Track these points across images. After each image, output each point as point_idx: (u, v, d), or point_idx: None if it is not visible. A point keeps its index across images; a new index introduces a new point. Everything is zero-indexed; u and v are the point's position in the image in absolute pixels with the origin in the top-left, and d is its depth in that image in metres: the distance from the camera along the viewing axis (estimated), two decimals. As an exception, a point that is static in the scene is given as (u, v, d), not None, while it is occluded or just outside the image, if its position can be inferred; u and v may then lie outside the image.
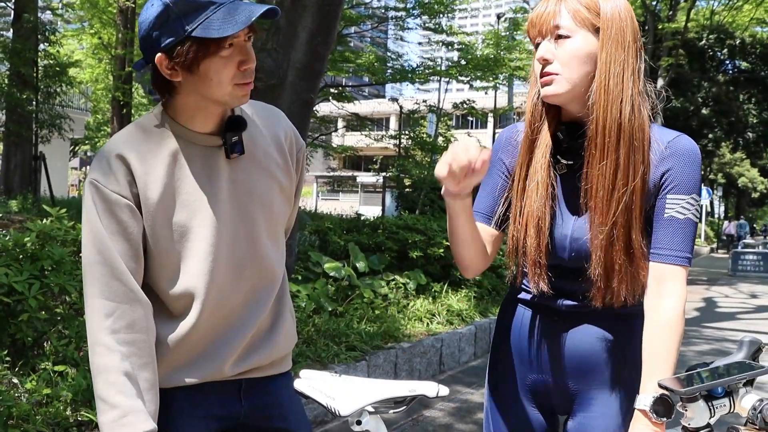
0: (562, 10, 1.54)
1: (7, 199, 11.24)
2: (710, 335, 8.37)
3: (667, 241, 1.55)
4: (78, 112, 20.84)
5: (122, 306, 1.45)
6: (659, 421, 1.41)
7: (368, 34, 20.85)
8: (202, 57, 1.44)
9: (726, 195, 51.91)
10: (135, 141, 1.52)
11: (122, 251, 1.47)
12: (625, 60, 1.53)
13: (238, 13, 1.43)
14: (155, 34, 1.45)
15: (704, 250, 29.89)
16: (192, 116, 1.54)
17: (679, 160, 1.55)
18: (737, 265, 19.23)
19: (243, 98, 1.53)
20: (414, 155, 16.49)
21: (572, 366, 1.68)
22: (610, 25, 1.53)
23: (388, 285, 6.90)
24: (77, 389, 3.29)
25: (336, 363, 4.76)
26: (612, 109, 1.52)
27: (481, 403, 5.07)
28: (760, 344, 1.46)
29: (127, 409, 1.41)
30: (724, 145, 35.69)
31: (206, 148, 1.55)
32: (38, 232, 3.74)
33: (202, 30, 1.41)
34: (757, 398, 1.35)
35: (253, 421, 1.69)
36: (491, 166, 1.71)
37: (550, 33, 1.56)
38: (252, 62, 1.50)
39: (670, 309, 1.52)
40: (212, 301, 1.55)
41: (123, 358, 1.43)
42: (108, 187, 1.47)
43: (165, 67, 1.47)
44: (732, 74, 30.41)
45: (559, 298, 1.68)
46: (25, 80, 12.65)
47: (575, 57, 1.54)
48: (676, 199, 1.54)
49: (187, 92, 1.51)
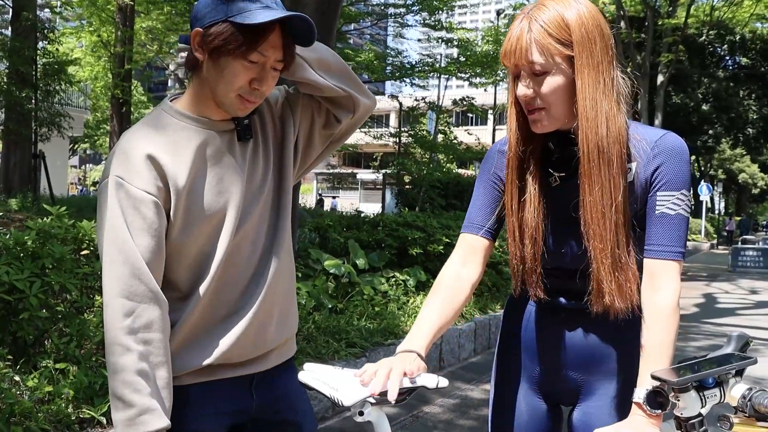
0: (532, 47, 1.53)
1: (6, 198, 11.25)
2: (710, 331, 8.39)
3: (659, 237, 1.58)
4: (77, 110, 20.84)
5: (141, 305, 1.47)
6: (654, 413, 1.43)
7: (368, 31, 20.86)
8: (226, 50, 1.48)
9: (726, 191, 52.00)
10: (154, 135, 1.55)
11: (146, 247, 1.48)
12: (597, 80, 1.54)
13: (278, 15, 1.48)
14: (203, 12, 1.51)
15: (704, 246, 29.91)
16: (205, 104, 1.58)
17: (668, 157, 1.57)
18: (737, 261, 19.25)
19: (240, 111, 1.57)
20: (414, 153, 16.49)
21: (578, 359, 1.71)
22: (581, 51, 1.53)
23: (388, 282, 6.91)
24: (79, 387, 3.30)
25: (336, 360, 4.77)
26: (589, 133, 1.55)
27: (481, 399, 5.09)
28: (748, 339, 1.51)
29: (142, 408, 1.43)
30: (724, 141, 35.74)
31: (221, 133, 1.59)
32: (38, 230, 3.75)
33: (241, 18, 1.46)
34: (746, 387, 1.40)
35: (264, 416, 1.71)
36: (485, 180, 1.77)
37: (524, 69, 1.56)
38: (264, 86, 1.54)
39: (664, 303, 1.55)
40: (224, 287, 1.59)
41: (140, 357, 1.45)
42: (133, 183, 1.49)
43: (196, 43, 1.52)
44: (732, 70, 30.43)
45: (563, 297, 1.71)
46: (24, 78, 12.65)
47: (556, 93, 1.56)
48: (667, 196, 1.57)
49: (203, 78, 1.55)
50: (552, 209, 1.66)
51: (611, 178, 1.56)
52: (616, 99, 1.57)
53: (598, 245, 1.58)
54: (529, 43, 1.53)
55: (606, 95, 1.55)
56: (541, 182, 1.65)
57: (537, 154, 1.66)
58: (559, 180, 1.65)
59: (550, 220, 1.66)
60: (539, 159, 1.66)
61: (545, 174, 1.66)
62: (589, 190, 1.57)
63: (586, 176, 1.57)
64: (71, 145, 28.13)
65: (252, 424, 1.71)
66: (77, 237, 3.94)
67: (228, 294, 1.61)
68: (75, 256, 3.89)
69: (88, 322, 3.76)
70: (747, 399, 1.38)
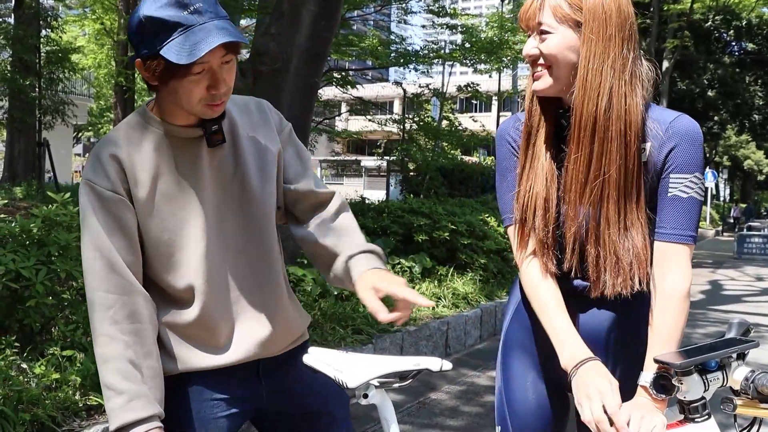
0: (545, 7, 1.57)
1: (11, 186, 11.26)
2: (716, 318, 8.38)
3: (670, 219, 1.57)
4: (81, 98, 20.81)
5: (122, 297, 1.50)
6: (659, 398, 1.43)
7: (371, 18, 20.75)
8: (169, 76, 1.47)
9: (731, 177, 51.80)
10: (123, 139, 1.57)
11: (119, 245, 1.52)
12: (605, 53, 1.54)
13: (201, 39, 1.42)
14: (135, 41, 1.49)
15: (709, 233, 29.84)
16: (173, 113, 1.58)
17: (681, 139, 1.56)
18: (743, 248, 19.18)
19: (213, 114, 1.56)
20: (418, 139, 16.44)
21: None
22: (591, 19, 1.53)
23: (393, 268, 6.91)
24: (86, 374, 3.32)
25: (342, 346, 4.78)
26: (588, 103, 1.55)
27: (488, 385, 5.10)
28: (749, 326, 1.52)
29: (133, 394, 1.46)
30: (729, 128, 35.58)
31: (188, 139, 1.59)
32: (44, 218, 3.76)
33: (166, 51, 1.43)
34: (748, 370, 1.41)
35: (278, 406, 1.72)
36: (505, 168, 1.76)
37: (534, 29, 1.59)
38: (222, 88, 1.51)
39: (674, 287, 1.55)
40: (211, 287, 1.59)
41: (126, 346, 1.48)
42: (100, 185, 1.52)
43: (143, 72, 1.52)
44: (738, 56, 30.22)
45: (569, 277, 1.69)
46: (27, 67, 12.65)
47: (557, 53, 1.57)
48: (679, 178, 1.56)
49: (163, 95, 1.56)
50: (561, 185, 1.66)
51: (605, 148, 1.55)
52: (629, 79, 1.55)
53: (570, 213, 1.60)
54: (542, 5, 1.56)
55: (614, 70, 1.54)
56: (552, 156, 1.65)
57: (550, 129, 1.66)
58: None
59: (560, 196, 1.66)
60: (552, 134, 1.66)
61: (557, 150, 1.66)
62: (574, 159, 1.58)
63: (574, 143, 1.58)
64: (75, 134, 28.14)
65: (265, 417, 1.72)
66: (83, 224, 3.94)
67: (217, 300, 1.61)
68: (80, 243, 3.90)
69: (94, 310, 3.77)
70: (750, 381, 1.39)
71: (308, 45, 5.84)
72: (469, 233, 7.94)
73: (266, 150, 1.70)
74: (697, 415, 1.42)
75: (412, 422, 4.30)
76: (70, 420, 3.08)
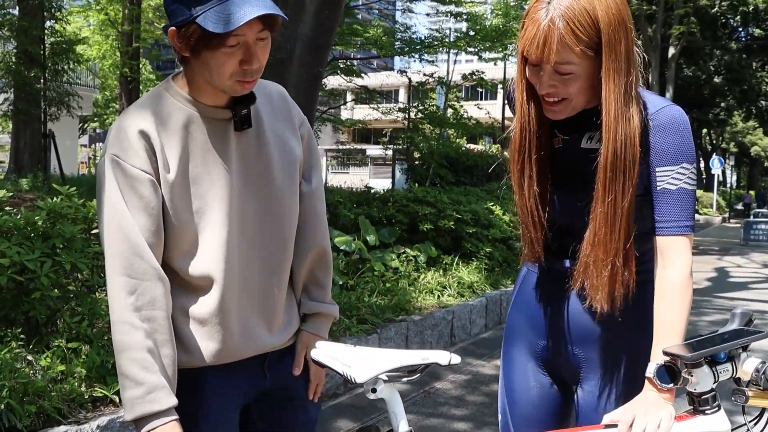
0: (559, 47, 1.46)
1: (17, 178, 11.28)
2: (722, 305, 8.36)
3: (664, 212, 1.57)
4: (86, 89, 20.81)
5: (144, 283, 1.45)
6: (665, 388, 1.42)
7: (376, 6, 20.68)
8: (203, 46, 1.43)
9: (738, 164, 51.61)
10: (150, 115, 1.51)
11: (144, 226, 1.47)
12: (618, 83, 1.50)
13: (239, 10, 1.39)
14: (170, 8, 1.45)
15: (716, 220, 29.75)
16: (202, 90, 1.53)
17: (662, 132, 1.55)
18: (749, 235, 19.11)
19: (243, 91, 1.52)
20: (423, 128, 16.41)
21: (577, 332, 1.70)
22: (609, 52, 1.48)
23: (398, 258, 6.90)
24: (91, 365, 3.32)
25: (347, 336, 4.78)
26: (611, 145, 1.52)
27: (493, 374, 5.10)
28: (751, 315, 1.52)
29: (152, 385, 1.42)
30: (736, 114, 35.44)
31: (217, 120, 1.55)
32: (49, 210, 3.75)
33: (203, 20, 1.40)
34: (759, 361, 1.41)
35: (274, 391, 1.72)
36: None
37: (549, 66, 1.51)
38: (255, 63, 1.47)
39: (675, 278, 1.54)
40: (228, 276, 1.56)
41: (146, 335, 1.44)
42: (129, 161, 1.46)
43: (175, 41, 1.47)
44: (745, 42, 30.05)
45: (567, 260, 1.69)
46: (32, 58, 12.66)
47: (580, 89, 1.54)
48: (665, 171, 1.56)
49: (194, 68, 1.51)
50: (557, 166, 1.67)
51: (623, 186, 1.54)
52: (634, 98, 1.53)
53: (600, 255, 1.57)
54: (555, 43, 1.46)
55: (626, 100, 1.52)
56: (545, 143, 1.65)
57: (543, 119, 1.64)
58: (562, 142, 1.66)
59: (555, 176, 1.67)
60: (544, 123, 1.65)
61: (550, 136, 1.66)
62: (602, 201, 1.56)
63: (602, 186, 1.55)
64: (80, 125, 28.15)
65: (262, 401, 1.71)
66: (87, 216, 3.94)
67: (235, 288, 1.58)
68: (85, 235, 3.89)
69: (99, 301, 3.77)
70: (761, 372, 1.39)
71: (312, 35, 5.82)
72: (474, 222, 7.92)
73: (292, 151, 1.68)
74: (707, 407, 1.41)
75: (417, 411, 4.30)
76: (75, 412, 3.09)
